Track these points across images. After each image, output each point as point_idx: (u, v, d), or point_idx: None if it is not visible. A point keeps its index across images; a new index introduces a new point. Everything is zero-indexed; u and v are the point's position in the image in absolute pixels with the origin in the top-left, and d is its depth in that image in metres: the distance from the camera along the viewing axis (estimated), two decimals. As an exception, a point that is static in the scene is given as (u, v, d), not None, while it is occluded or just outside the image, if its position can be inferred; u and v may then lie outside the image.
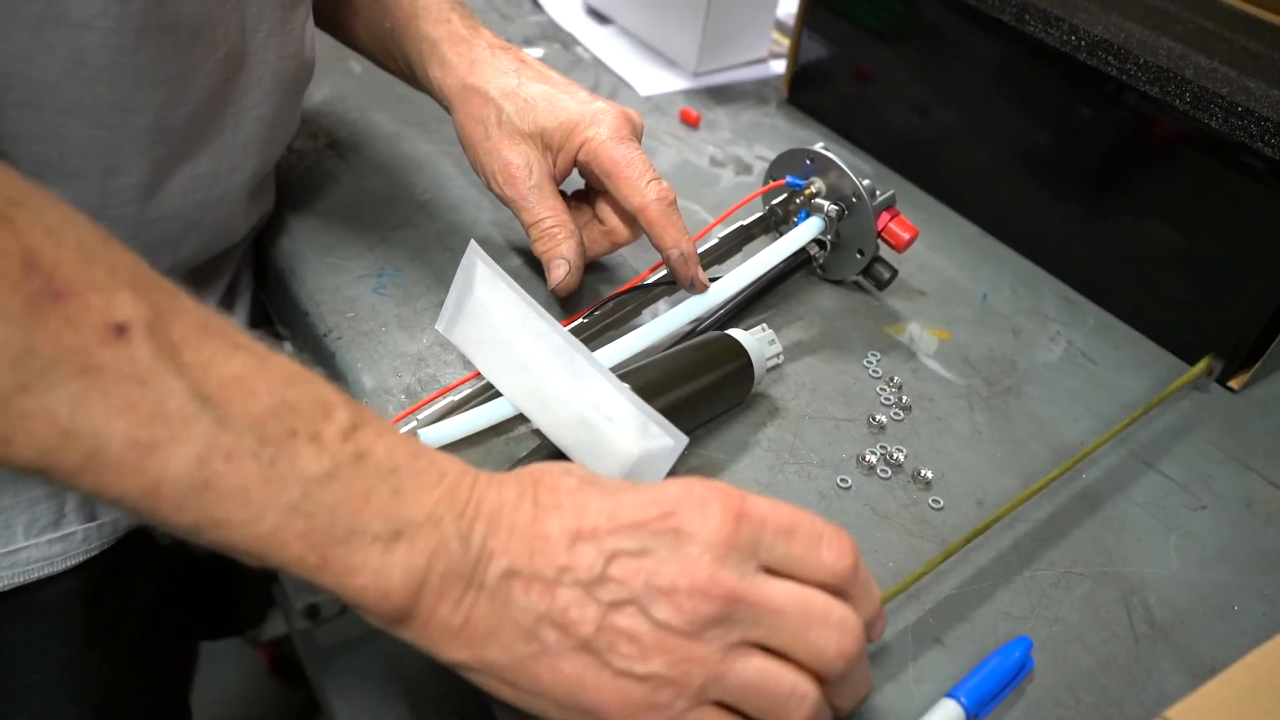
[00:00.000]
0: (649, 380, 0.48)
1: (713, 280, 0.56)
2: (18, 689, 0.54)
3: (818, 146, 0.61)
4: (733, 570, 0.33)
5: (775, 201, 0.63)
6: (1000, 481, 0.54)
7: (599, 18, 0.96)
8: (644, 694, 0.33)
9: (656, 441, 0.42)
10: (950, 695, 0.41)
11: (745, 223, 0.62)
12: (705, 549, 0.33)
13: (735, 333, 0.53)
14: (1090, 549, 0.51)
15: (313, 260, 0.61)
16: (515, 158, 0.55)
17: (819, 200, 0.61)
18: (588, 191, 0.60)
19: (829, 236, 0.61)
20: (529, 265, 0.63)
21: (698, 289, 0.55)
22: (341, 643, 1.11)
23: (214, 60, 0.46)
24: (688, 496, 0.34)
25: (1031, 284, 0.70)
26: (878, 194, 0.60)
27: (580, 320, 0.55)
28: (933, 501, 0.52)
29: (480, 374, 0.51)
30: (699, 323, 0.58)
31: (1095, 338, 0.66)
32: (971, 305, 0.67)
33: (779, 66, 0.92)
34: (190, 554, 0.71)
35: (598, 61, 0.89)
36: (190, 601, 0.80)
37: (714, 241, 0.61)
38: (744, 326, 0.55)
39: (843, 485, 0.52)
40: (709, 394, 0.51)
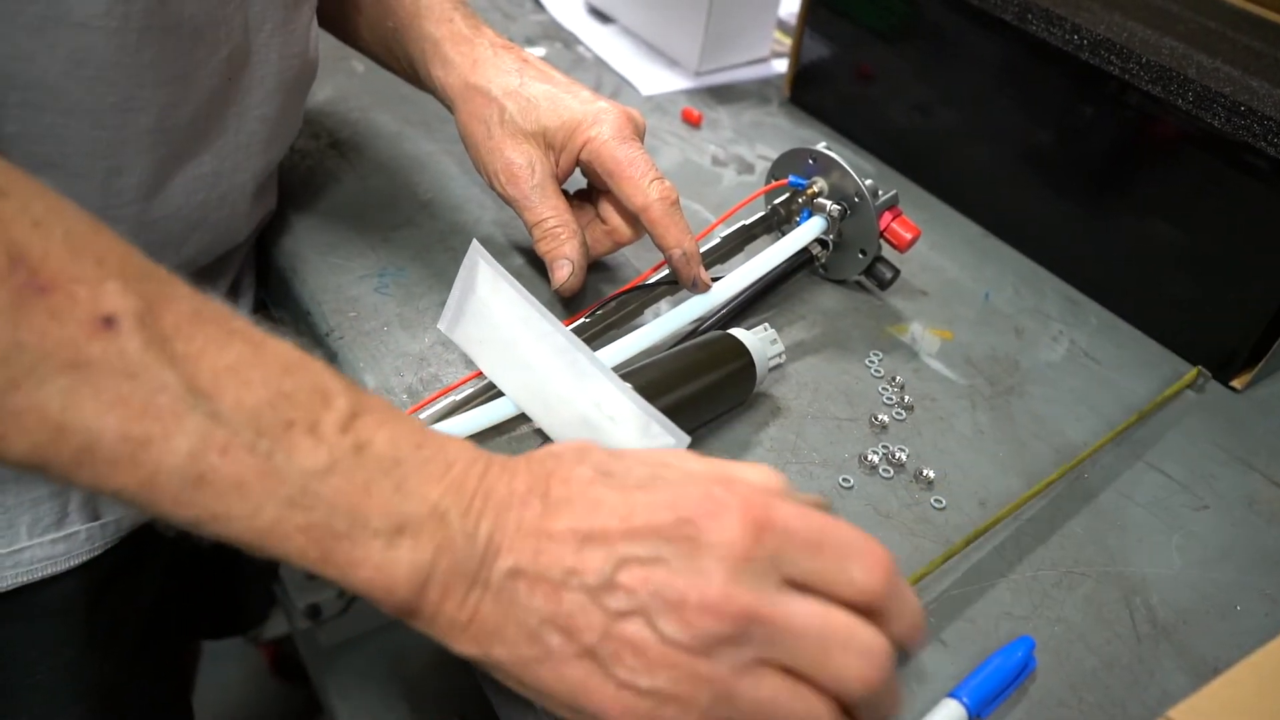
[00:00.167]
0: (651, 380, 0.48)
1: (715, 280, 0.56)
2: (20, 689, 0.54)
3: (820, 146, 0.61)
4: (748, 586, 0.31)
5: (777, 201, 0.63)
6: (1002, 481, 0.54)
7: (601, 17, 0.96)
8: (648, 708, 0.31)
9: (658, 441, 0.42)
10: (952, 695, 0.41)
11: (747, 222, 0.62)
12: (720, 561, 0.31)
13: (737, 332, 0.53)
14: (1092, 549, 0.51)
15: (315, 260, 0.61)
16: (518, 157, 0.55)
17: (821, 200, 0.61)
18: (590, 191, 0.60)
19: (831, 236, 0.61)
20: (531, 264, 0.63)
21: (700, 288, 0.55)
22: (343, 642, 1.11)
23: (216, 60, 0.46)
24: (707, 500, 0.32)
25: (1034, 283, 0.70)
26: (880, 194, 0.60)
27: (582, 320, 0.55)
28: (935, 501, 0.52)
29: (482, 373, 0.51)
30: (701, 322, 0.58)
31: (1098, 337, 0.66)
32: (974, 305, 0.67)
33: (781, 66, 0.92)
34: (192, 553, 0.71)
35: (599, 61, 0.89)
36: (192, 601, 0.80)
37: (716, 241, 0.61)
38: (746, 326, 0.55)
39: (845, 485, 0.52)
40: (711, 393, 0.51)
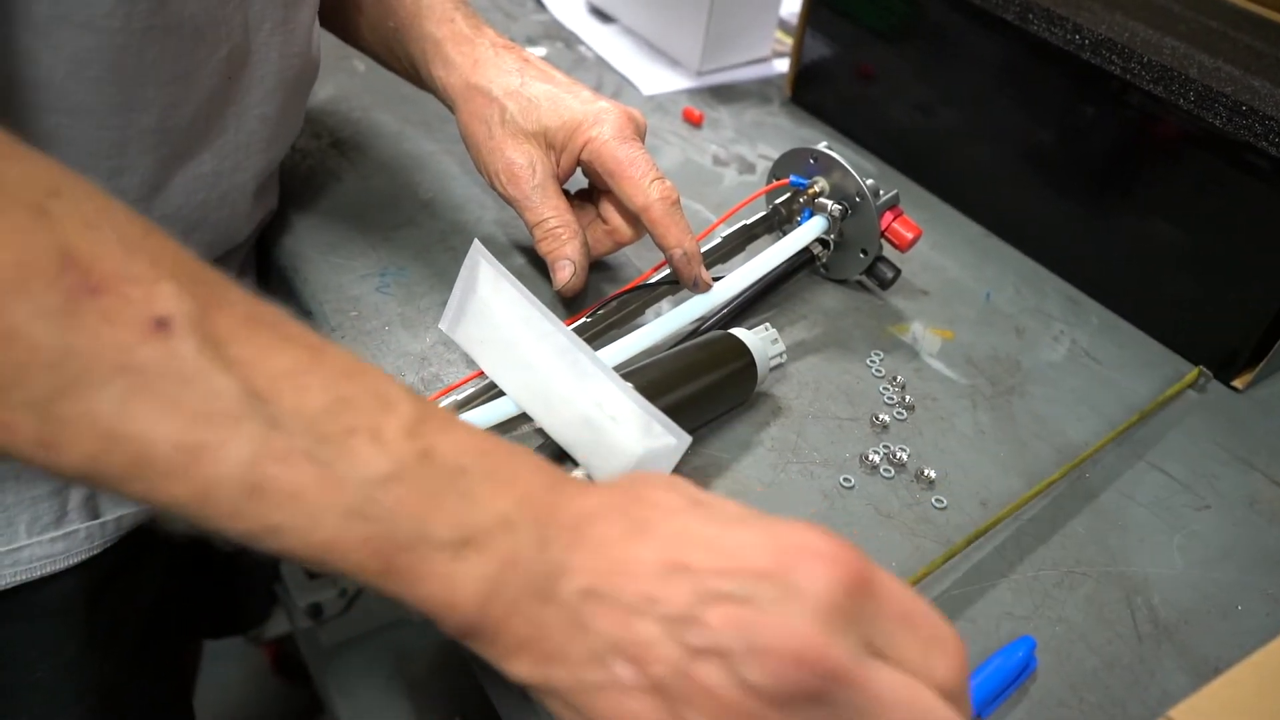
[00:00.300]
0: (652, 379, 0.48)
1: (716, 279, 0.56)
2: (20, 688, 0.54)
3: (821, 146, 0.61)
4: (840, 643, 0.29)
5: (778, 201, 0.63)
6: (1003, 481, 0.54)
7: (602, 17, 0.96)
8: None
9: (660, 441, 0.42)
10: (953, 695, 0.41)
11: (748, 222, 0.62)
12: (816, 612, 0.29)
13: (738, 332, 0.53)
14: (1093, 549, 0.51)
15: (316, 259, 0.61)
16: (519, 157, 0.55)
17: (822, 199, 0.61)
18: (591, 191, 0.60)
19: (832, 236, 0.61)
20: (532, 264, 0.63)
21: (701, 288, 0.55)
22: (344, 641, 1.11)
23: (216, 59, 0.46)
24: (808, 548, 0.30)
25: (1035, 283, 0.70)
26: (881, 193, 0.60)
27: (583, 319, 0.55)
28: (936, 501, 0.52)
29: (483, 373, 0.51)
30: (702, 322, 0.58)
31: (1099, 337, 0.66)
32: (975, 305, 0.67)
33: (782, 66, 0.92)
34: (193, 552, 0.71)
35: (601, 60, 0.89)
36: (193, 600, 0.80)
37: (717, 241, 0.61)
38: (747, 326, 0.55)
39: (846, 485, 0.52)
40: (712, 393, 0.51)
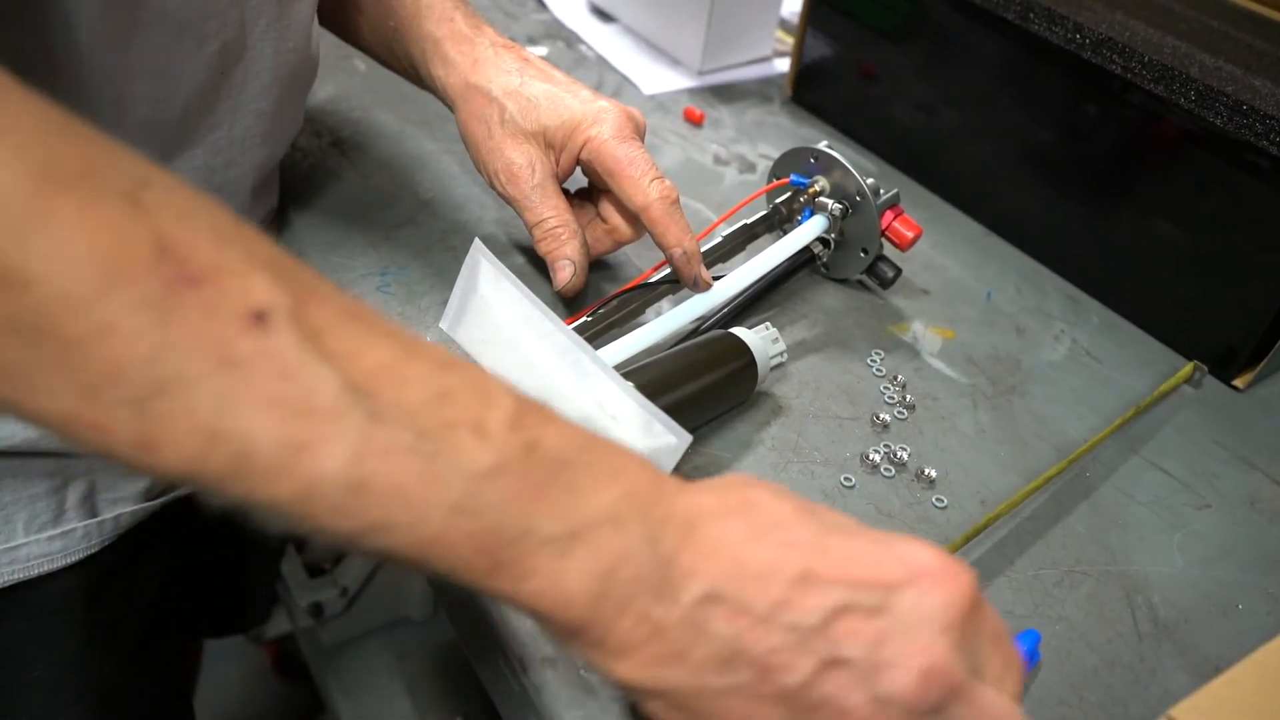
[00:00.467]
0: (652, 379, 0.48)
1: (716, 279, 0.56)
2: (19, 686, 0.54)
3: (822, 145, 0.61)
4: (959, 660, 0.30)
5: (779, 200, 0.63)
6: (1004, 480, 0.54)
7: (603, 16, 0.96)
8: None
9: (660, 440, 0.42)
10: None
11: (749, 221, 0.62)
12: (943, 628, 0.30)
13: (739, 331, 0.53)
14: (1094, 548, 0.51)
15: (316, 258, 0.61)
16: (518, 157, 0.55)
17: (823, 199, 0.61)
18: (591, 190, 0.60)
19: (833, 235, 0.61)
20: (532, 264, 0.63)
21: (701, 287, 0.55)
22: (345, 641, 1.11)
23: (206, 53, 0.46)
24: (932, 565, 0.31)
25: (1035, 282, 0.70)
26: (881, 192, 0.60)
27: (584, 319, 0.55)
28: (936, 500, 0.52)
29: (483, 372, 0.51)
30: (702, 321, 0.58)
31: (1099, 336, 0.66)
32: (975, 304, 0.67)
33: (783, 65, 0.92)
34: (193, 552, 0.71)
35: (601, 60, 0.89)
36: (194, 599, 0.80)
37: (718, 240, 0.61)
38: (747, 325, 0.55)
39: (846, 484, 0.52)
40: (713, 392, 0.51)
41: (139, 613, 0.61)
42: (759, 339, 0.53)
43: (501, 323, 0.48)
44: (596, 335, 0.56)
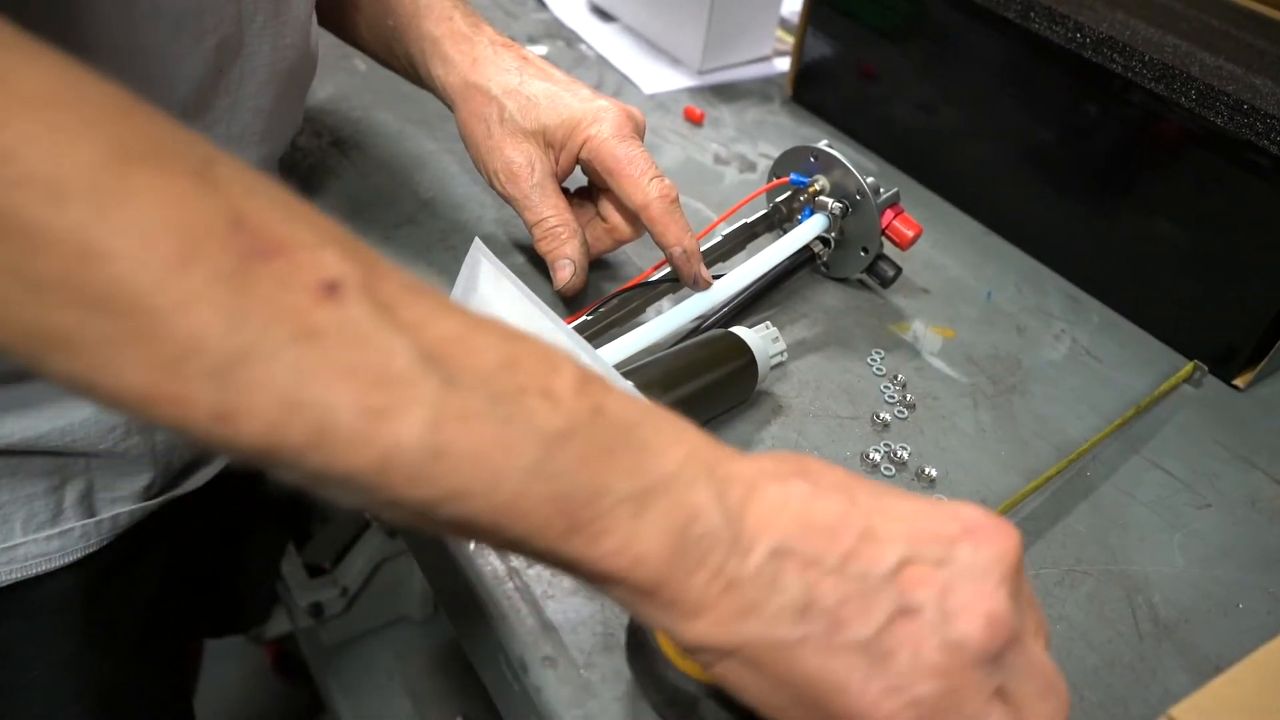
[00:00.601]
0: (653, 378, 0.48)
1: (716, 278, 0.56)
2: (18, 686, 0.54)
3: (822, 144, 0.61)
4: (1016, 609, 0.31)
5: (779, 199, 0.63)
6: (1004, 479, 0.54)
7: (603, 15, 0.96)
8: (912, 718, 0.29)
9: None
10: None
11: (749, 220, 0.62)
12: (1001, 579, 0.31)
13: (739, 330, 0.53)
14: (1094, 547, 0.51)
15: (316, 258, 0.61)
16: (517, 156, 0.55)
17: (823, 198, 0.61)
18: (590, 189, 0.60)
19: (833, 234, 0.61)
20: (532, 263, 0.63)
21: (701, 286, 0.55)
22: (345, 641, 1.11)
23: (203, 49, 0.46)
24: (984, 522, 0.32)
25: (1036, 282, 0.70)
26: (881, 191, 0.60)
27: (584, 318, 0.55)
28: (927, 498, 0.51)
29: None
30: (703, 320, 0.57)
31: (1100, 335, 0.66)
32: (976, 303, 0.67)
33: (783, 64, 0.92)
34: (193, 551, 0.71)
35: (601, 59, 0.89)
36: (193, 599, 0.80)
37: (718, 239, 0.60)
38: (748, 324, 0.55)
39: (846, 483, 0.51)
40: (713, 392, 0.51)
41: (138, 612, 0.60)
42: (759, 338, 0.53)
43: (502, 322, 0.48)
44: (597, 334, 0.55)
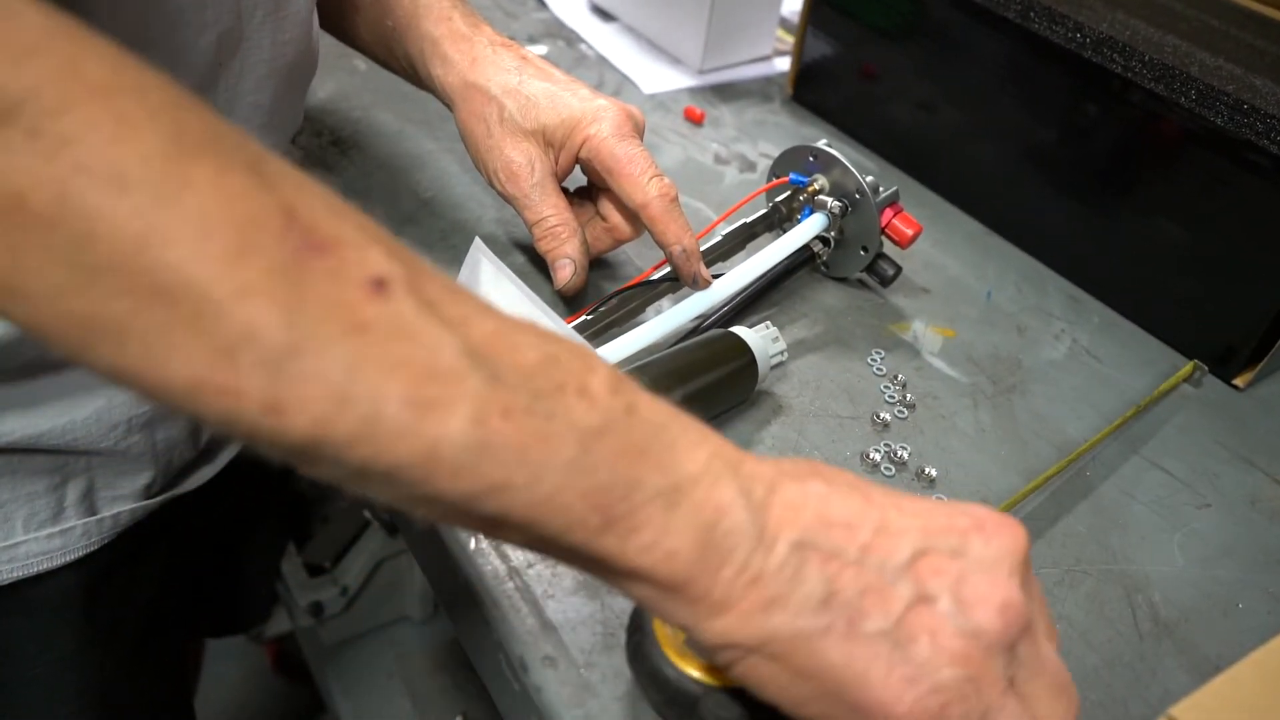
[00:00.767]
0: (653, 378, 0.48)
1: (716, 277, 0.56)
2: (18, 683, 0.54)
3: (821, 143, 0.61)
4: (1028, 599, 0.32)
5: (779, 199, 0.63)
6: (1004, 479, 0.54)
7: (603, 15, 0.96)
8: (936, 705, 0.30)
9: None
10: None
11: (749, 220, 0.62)
12: (1013, 571, 0.32)
13: (739, 330, 0.53)
14: (1094, 547, 0.51)
15: (316, 257, 0.61)
16: (517, 155, 0.55)
17: (822, 197, 0.61)
18: (590, 188, 0.60)
19: (832, 233, 0.61)
20: (532, 262, 0.63)
21: (700, 285, 0.55)
22: (345, 640, 1.11)
23: (204, 43, 0.46)
24: (992, 517, 0.33)
25: (1036, 282, 0.70)
26: (881, 191, 0.60)
27: (584, 317, 0.55)
28: (936, 499, 0.51)
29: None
30: (702, 320, 0.57)
31: (1100, 335, 0.66)
32: (976, 303, 0.67)
33: (783, 64, 0.92)
34: (193, 550, 0.71)
35: (602, 59, 0.89)
36: (194, 599, 0.80)
37: (717, 239, 0.60)
38: (748, 324, 0.55)
39: (846, 483, 0.51)
40: (713, 391, 0.51)
41: (139, 611, 0.61)
42: (759, 338, 0.53)
43: (501, 321, 0.48)
44: (597, 334, 0.56)
